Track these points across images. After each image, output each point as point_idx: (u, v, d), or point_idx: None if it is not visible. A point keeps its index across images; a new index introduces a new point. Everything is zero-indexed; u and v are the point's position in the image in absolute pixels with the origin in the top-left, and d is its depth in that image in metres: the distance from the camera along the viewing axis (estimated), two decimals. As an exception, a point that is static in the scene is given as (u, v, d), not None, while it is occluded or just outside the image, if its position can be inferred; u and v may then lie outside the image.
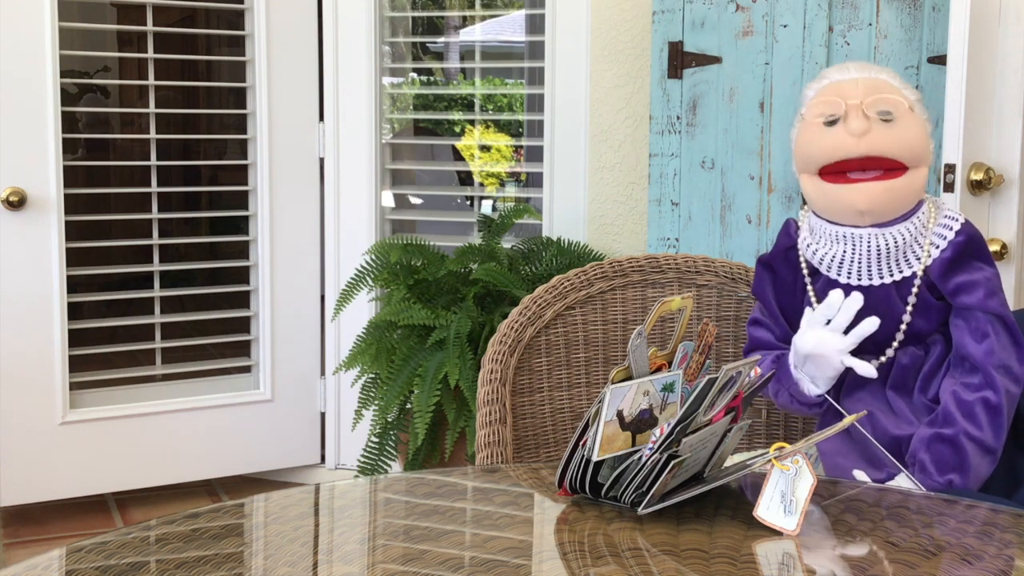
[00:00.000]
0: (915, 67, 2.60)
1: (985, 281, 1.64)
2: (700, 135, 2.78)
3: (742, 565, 1.15)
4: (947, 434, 1.59)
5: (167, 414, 3.49)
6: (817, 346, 1.65)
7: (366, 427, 3.28)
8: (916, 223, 1.67)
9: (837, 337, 1.64)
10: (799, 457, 1.26)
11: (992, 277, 1.65)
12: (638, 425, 1.32)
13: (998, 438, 1.60)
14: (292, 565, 1.14)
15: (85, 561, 1.15)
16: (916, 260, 1.66)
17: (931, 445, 1.60)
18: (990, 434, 1.59)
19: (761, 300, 1.81)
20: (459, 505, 1.34)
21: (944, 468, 1.59)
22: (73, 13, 3.40)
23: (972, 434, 1.58)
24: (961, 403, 1.60)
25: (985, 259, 1.66)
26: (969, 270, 1.64)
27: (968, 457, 1.58)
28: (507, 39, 4.54)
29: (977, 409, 1.59)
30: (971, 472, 1.59)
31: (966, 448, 1.58)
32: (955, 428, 1.59)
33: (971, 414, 1.59)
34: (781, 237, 1.79)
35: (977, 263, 1.65)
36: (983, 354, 1.61)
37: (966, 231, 1.66)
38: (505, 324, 1.91)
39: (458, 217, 3.97)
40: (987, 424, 1.59)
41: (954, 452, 1.58)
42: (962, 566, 1.15)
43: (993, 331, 1.62)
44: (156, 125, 3.48)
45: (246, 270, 3.63)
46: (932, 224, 1.68)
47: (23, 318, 3.26)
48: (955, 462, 1.58)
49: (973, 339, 1.63)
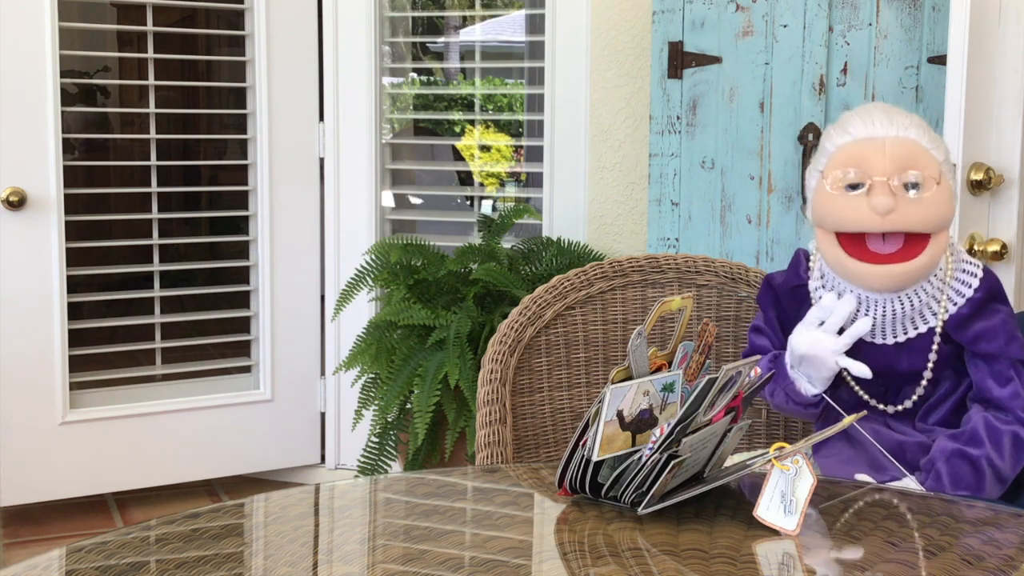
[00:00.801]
0: (915, 67, 2.60)
1: (1003, 325, 1.62)
2: (700, 135, 2.78)
3: (742, 565, 1.15)
4: (972, 454, 1.59)
5: (167, 414, 3.49)
6: (812, 347, 1.65)
7: (366, 427, 3.28)
8: (934, 282, 1.63)
9: (831, 338, 1.64)
10: (799, 457, 1.26)
11: (1008, 319, 1.63)
12: (638, 425, 1.32)
13: (1014, 471, 1.61)
14: (292, 565, 1.14)
15: (85, 561, 1.15)
16: (933, 316, 1.64)
17: (952, 459, 1.59)
18: (1010, 465, 1.60)
19: (763, 312, 1.81)
20: (459, 505, 1.34)
21: (959, 485, 1.59)
22: (73, 13, 3.40)
23: (994, 461, 1.58)
24: (992, 429, 1.60)
25: (1001, 299, 1.65)
26: (987, 315, 1.62)
27: (985, 481, 1.58)
28: (507, 39, 4.54)
29: (1005, 440, 1.59)
30: (984, 496, 1.59)
31: (985, 472, 1.58)
32: (981, 451, 1.58)
33: (999, 443, 1.59)
34: (791, 273, 1.76)
35: (994, 304, 1.63)
36: (1009, 398, 1.61)
37: (986, 286, 1.63)
38: (505, 324, 1.91)
39: (458, 217, 3.97)
40: (1010, 456, 1.59)
41: (973, 472, 1.58)
42: (962, 566, 1.15)
43: (1016, 375, 1.62)
44: (156, 125, 3.48)
45: (246, 270, 3.63)
46: (949, 279, 1.64)
47: (23, 318, 3.26)
48: (972, 482, 1.58)
49: (997, 384, 1.62)
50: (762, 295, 1.80)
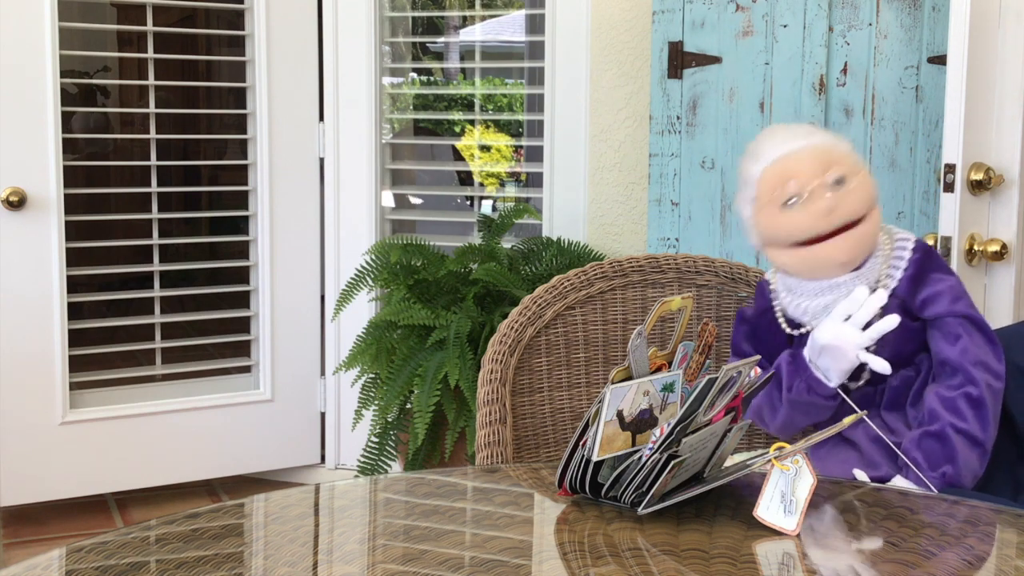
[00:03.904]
0: (915, 67, 2.60)
1: (948, 289, 1.71)
2: (700, 135, 2.78)
3: (742, 565, 1.15)
4: (933, 429, 1.64)
5: (167, 414, 3.49)
6: (835, 338, 1.68)
7: (366, 427, 3.28)
8: (880, 255, 1.74)
9: (856, 332, 1.67)
10: (799, 457, 1.26)
11: (955, 284, 1.72)
12: (638, 425, 1.32)
13: (984, 430, 1.64)
14: (292, 565, 1.14)
15: (85, 561, 1.15)
16: (884, 289, 1.72)
17: (921, 442, 1.64)
18: (976, 426, 1.63)
19: (736, 354, 1.87)
20: (459, 505, 1.34)
21: (936, 462, 1.62)
22: (73, 13, 3.40)
23: (957, 426, 1.62)
24: (943, 400, 1.65)
25: (943, 270, 1.74)
26: (931, 283, 1.71)
27: (956, 448, 1.62)
28: (507, 39, 4.54)
29: (960, 403, 1.64)
30: (961, 462, 1.61)
31: (952, 439, 1.62)
32: (940, 423, 1.63)
33: (954, 408, 1.64)
34: (758, 300, 1.86)
35: (937, 275, 1.72)
36: (958, 354, 1.67)
37: (920, 247, 1.74)
38: (505, 324, 1.91)
39: (458, 217, 3.97)
40: (972, 417, 1.63)
41: (942, 445, 1.62)
42: (962, 566, 1.15)
43: (965, 332, 1.68)
44: (156, 125, 3.48)
45: (246, 270, 3.63)
46: (888, 249, 1.75)
47: (23, 318, 3.26)
48: (945, 454, 1.62)
49: (947, 343, 1.68)
50: (735, 333, 1.88)
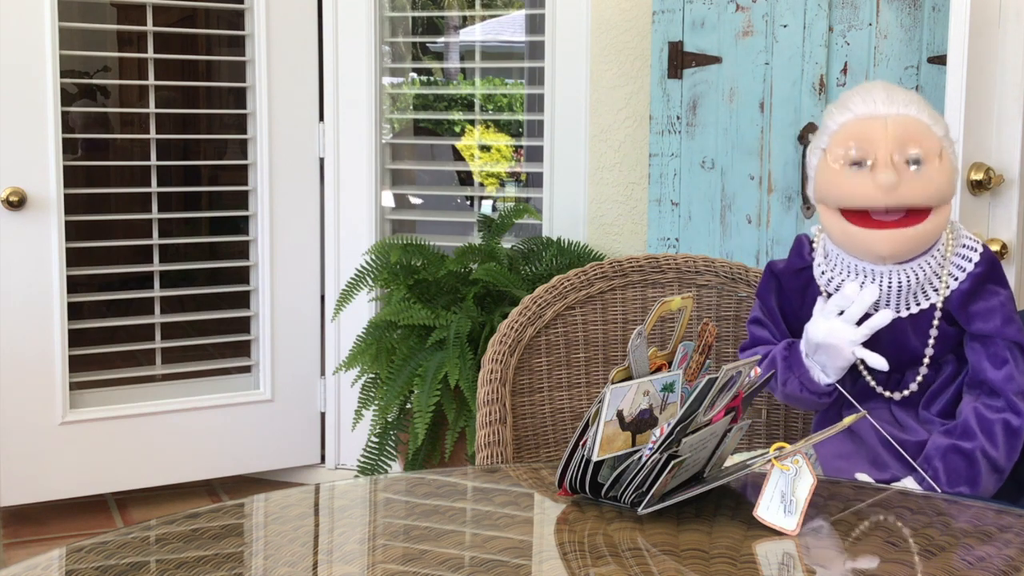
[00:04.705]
0: (915, 67, 2.60)
1: (1001, 307, 1.63)
2: (700, 135, 2.78)
3: (742, 565, 1.15)
4: (965, 447, 1.59)
5: (167, 414, 3.49)
6: (829, 335, 1.63)
7: (366, 427, 3.28)
8: (936, 256, 1.64)
9: (849, 328, 1.63)
10: (799, 457, 1.26)
11: (1007, 301, 1.64)
12: (638, 425, 1.32)
13: (1010, 460, 1.61)
14: (292, 565, 1.14)
15: (85, 561, 1.15)
16: (934, 292, 1.64)
17: (947, 455, 1.60)
18: (1004, 455, 1.60)
19: (763, 304, 1.79)
20: (459, 505, 1.34)
21: (956, 480, 1.59)
22: (73, 13, 3.40)
23: (988, 452, 1.58)
24: (982, 420, 1.60)
25: (1001, 282, 1.65)
26: (986, 296, 1.63)
27: (981, 473, 1.58)
28: (507, 39, 4.54)
29: (997, 428, 1.59)
30: (980, 487, 1.59)
31: (980, 464, 1.58)
32: (974, 443, 1.59)
33: (991, 433, 1.59)
34: (793, 256, 1.76)
35: (993, 287, 1.64)
36: (1003, 380, 1.61)
37: (986, 259, 1.64)
38: (505, 324, 1.91)
39: (458, 217, 3.97)
40: (1003, 445, 1.59)
41: (968, 466, 1.58)
42: (962, 566, 1.15)
43: (1012, 357, 1.62)
44: (156, 125, 3.48)
45: (246, 270, 3.63)
46: (950, 254, 1.65)
47: (23, 318, 3.26)
48: (968, 476, 1.58)
49: (992, 365, 1.62)
50: (763, 284, 1.79)
